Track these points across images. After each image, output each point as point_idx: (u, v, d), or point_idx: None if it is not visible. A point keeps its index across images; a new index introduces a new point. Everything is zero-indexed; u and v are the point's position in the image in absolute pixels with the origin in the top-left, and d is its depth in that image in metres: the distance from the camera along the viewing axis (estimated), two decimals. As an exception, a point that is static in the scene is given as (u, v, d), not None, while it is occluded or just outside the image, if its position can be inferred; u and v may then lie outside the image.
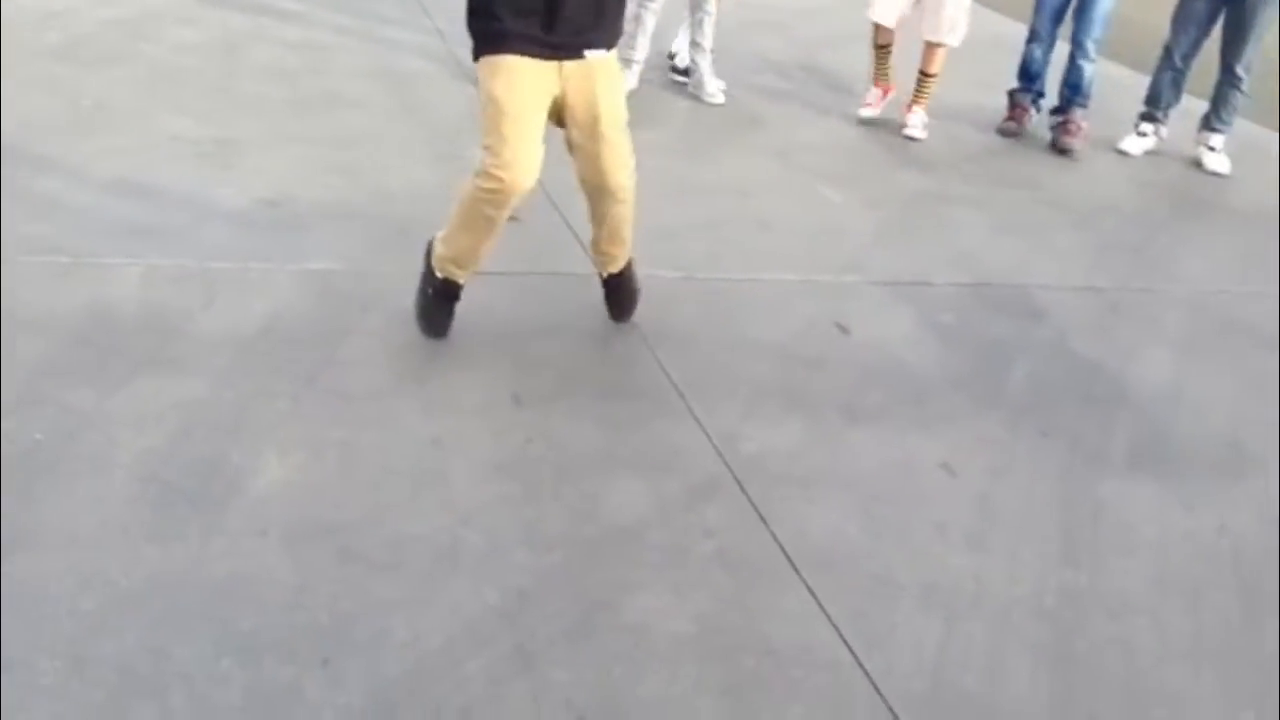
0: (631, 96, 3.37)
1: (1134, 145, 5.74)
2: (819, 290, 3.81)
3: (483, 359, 3.11)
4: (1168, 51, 5.65)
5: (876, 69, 5.66)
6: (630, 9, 3.55)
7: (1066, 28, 5.65)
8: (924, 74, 5.52)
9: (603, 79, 2.94)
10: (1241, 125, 5.89)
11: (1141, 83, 5.92)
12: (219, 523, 2.35)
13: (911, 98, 5.58)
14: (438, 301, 3.14)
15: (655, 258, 3.28)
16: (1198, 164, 5.69)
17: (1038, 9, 5.69)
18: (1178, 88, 5.71)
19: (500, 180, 2.83)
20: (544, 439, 2.79)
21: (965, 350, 3.56)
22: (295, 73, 5.17)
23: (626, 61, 5.08)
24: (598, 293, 3.40)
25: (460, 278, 3.11)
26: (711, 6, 5.50)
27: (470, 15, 2.90)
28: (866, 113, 5.65)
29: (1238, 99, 5.59)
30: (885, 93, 5.67)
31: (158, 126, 4.33)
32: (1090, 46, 5.53)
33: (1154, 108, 5.74)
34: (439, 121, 4.79)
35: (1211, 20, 5.49)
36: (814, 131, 5.43)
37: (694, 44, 5.62)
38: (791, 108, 5.69)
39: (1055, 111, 5.73)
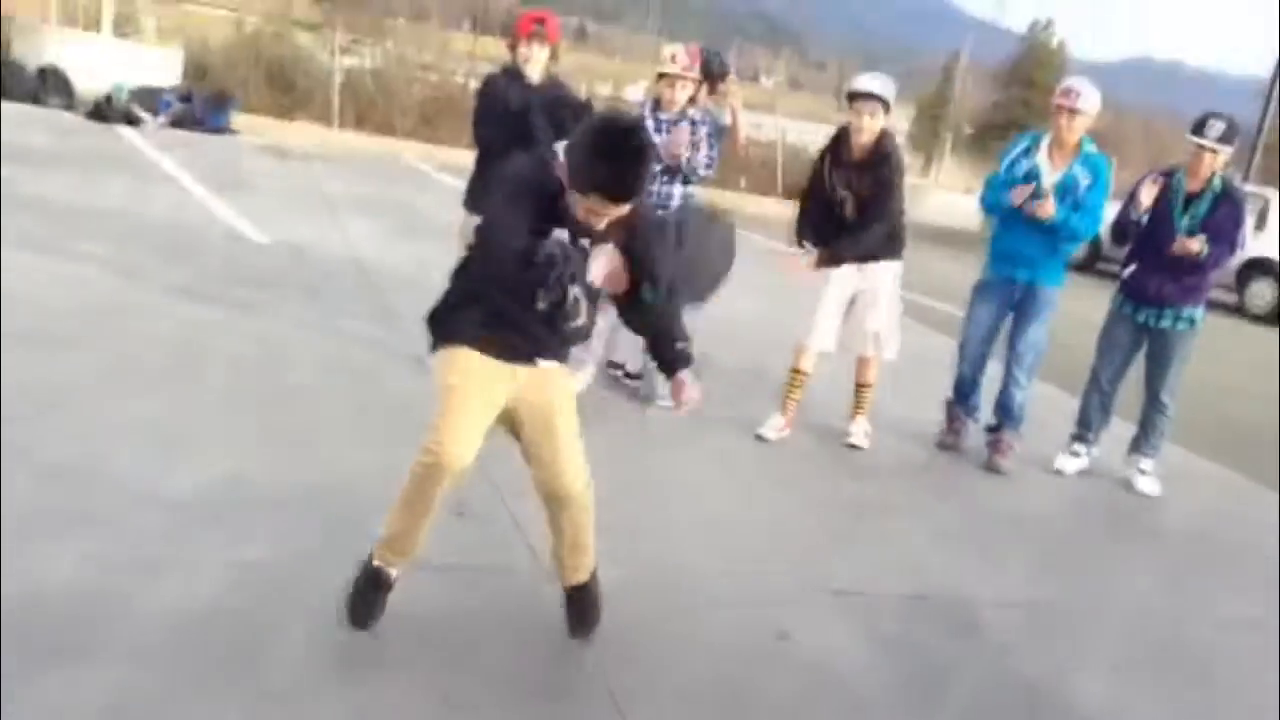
0: (582, 398, 3.48)
1: (1067, 464, 5.90)
2: (762, 595, 3.81)
3: (415, 658, 3.04)
4: (1095, 375, 5.89)
5: (789, 396, 5.58)
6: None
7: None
8: (860, 385, 5.73)
9: (556, 386, 3.11)
10: (1171, 450, 6.09)
11: (1072, 403, 6.14)
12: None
13: (852, 408, 5.76)
14: (366, 590, 3.10)
15: (600, 556, 3.28)
16: (1129, 485, 5.84)
17: (965, 331, 5.89)
18: (1106, 411, 5.92)
19: (434, 455, 2.90)
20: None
21: (905, 665, 3.53)
22: (254, 365, 5.26)
23: (580, 362, 5.23)
24: (537, 592, 3.37)
25: (394, 566, 3.09)
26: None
27: (430, 317, 3.09)
28: (767, 433, 5.55)
29: (1165, 424, 5.79)
30: (787, 425, 5.60)
31: (112, 413, 4.35)
32: (1021, 375, 5.73)
33: (1085, 429, 5.93)
34: (397, 416, 4.87)
35: (1135, 347, 5.77)
36: (760, 437, 5.54)
37: (648, 348, 5.78)
38: (739, 412, 5.83)
39: (989, 430, 5.88)
